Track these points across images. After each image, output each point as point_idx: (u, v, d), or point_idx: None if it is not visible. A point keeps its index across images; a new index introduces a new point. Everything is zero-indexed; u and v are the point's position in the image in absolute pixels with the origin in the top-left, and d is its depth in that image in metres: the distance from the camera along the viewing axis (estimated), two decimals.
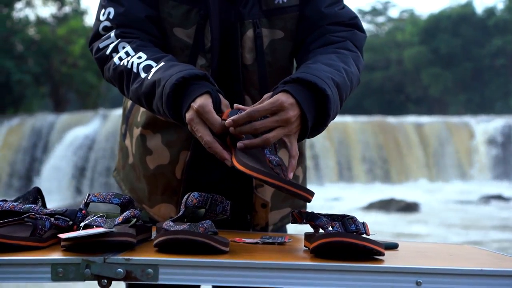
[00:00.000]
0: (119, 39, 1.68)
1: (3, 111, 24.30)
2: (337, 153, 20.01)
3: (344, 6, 1.81)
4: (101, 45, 1.70)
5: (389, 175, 20.15)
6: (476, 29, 39.12)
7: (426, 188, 18.93)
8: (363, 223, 1.41)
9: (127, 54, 1.65)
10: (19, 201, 1.54)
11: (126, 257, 1.18)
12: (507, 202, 16.56)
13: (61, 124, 18.48)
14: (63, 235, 1.23)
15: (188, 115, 1.49)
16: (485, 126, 20.83)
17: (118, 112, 18.09)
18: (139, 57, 1.63)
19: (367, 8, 49.49)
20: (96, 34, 1.73)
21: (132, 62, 1.62)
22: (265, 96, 1.53)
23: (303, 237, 1.49)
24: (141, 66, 1.61)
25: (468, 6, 40.40)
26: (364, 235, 1.40)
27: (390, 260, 1.28)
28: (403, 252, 1.47)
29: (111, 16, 1.71)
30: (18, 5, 29.00)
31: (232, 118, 1.43)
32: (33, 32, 28.26)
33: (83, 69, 26.82)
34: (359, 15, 1.82)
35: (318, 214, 1.41)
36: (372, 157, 20.28)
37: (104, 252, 1.22)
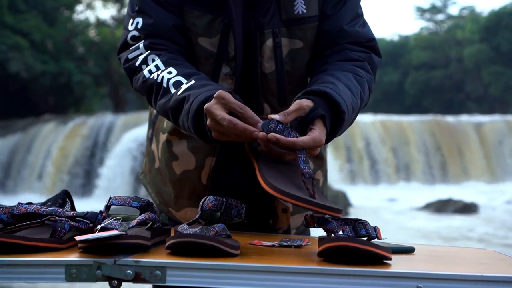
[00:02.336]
0: (149, 51, 1.72)
1: (65, 111, 24.87)
2: (394, 153, 19.83)
3: (365, 24, 1.84)
4: (130, 56, 1.75)
5: (447, 175, 19.87)
6: None
7: (485, 189, 18.60)
8: (375, 228, 1.42)
9: (157, 67, 1.69)
10: (49, 203, 1.61)
11: (135, 259, 1.22)
12: None
13: (120, 124, 18.80)
14: (78, 237, 1.29)
15: (207, 105, 1.51)
16: None
17: None
18: (170, 72, 1.66)
19: (426, 5, 48.82)
20: (125, 44, 1.78)
21: (162, 77, 1.66)
22: (302, 104, 1.55)
23: None
24: (171, 81, 1.65)
25: None
26: (375, 240, 1.42)
27: (395, 264, 1.29)
28: (417, 256, 1.48)
29: (139, 26, 1.75)
30: (79, 8, 29.63)
31: (277, 136, 1.45)
32: (93, 34, 28.81)
33: None
34: (417, 13, 1.84)
35: (330, 218, 1.43)
36: (430, 157, 20.03)
37: (117, 254, 1.27)
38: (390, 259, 1.30)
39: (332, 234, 1.42)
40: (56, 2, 26.74)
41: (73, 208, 1.65)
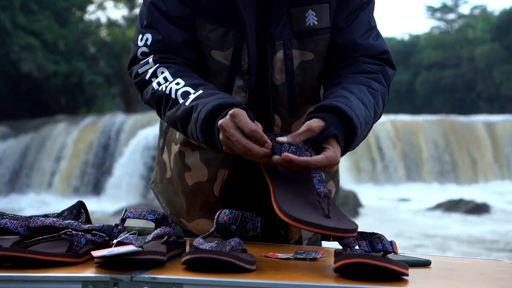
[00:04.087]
0: (158, 64, 1.73)
1: (76, 111, 24.97)
2: (405, 153, 19.78)
3: (378, 36, 1.82)
4: (140, 71, 1.76)
5: (458, 175, 19.80)
6: None
7: (496, 189, 18.52)
8: (391, 242, 1.42)
9: (166, 79, 1.69)
10: (64, 214, 1.61)
11: (152, 276, 1.22)
12: None
13: (131, 124, 18.85)
14: (95, 253, 1.29)
15: (221, 121, 1.51)
16: None
17: None
18: (177, 83, 1.67)
19: (437, 4, 48.68)
20: (135, 59, 1.78)
21: (171, 88, 1.67)
22: (311, 125, 1.54)
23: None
24: (179, 92, 1.65)
25: None
26: (392, 254, 1.42)
27: (414, 281, 1.29)
28: (434, 271, 1.48)
29: (149, 42, 1.76)
30: (91, 8, 29.74)
31: (290, 157, 1.45)
32: (104, 34, 28.90)
33: None
34: (428, 12, 1.84)
35: None
36: (441, 157, 19.97)
37: (133, 269, 1.27)
38: (407, 275, 1.29)
39: (348, 249, 1.42)
40: (68, 2, 26.85)
41: (88, 219, 1.66)
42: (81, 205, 1.67)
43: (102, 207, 14.85)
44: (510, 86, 37.99)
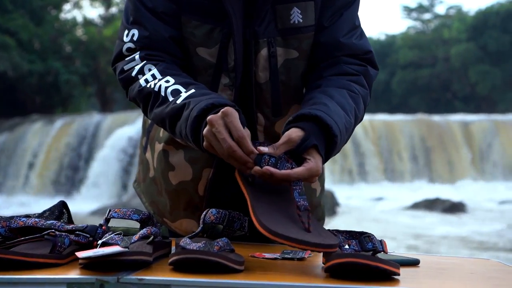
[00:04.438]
0: (145, 61, 1.69)
1: (52, 110, 24.75)
2: (382, 152, 19.87)
3: (362, 36, 1.80)
4: (126, 67, 1.71)
5: (434, 174, 19.94)
6: None
7: (472, 188, 18.68)
8: (381, 241, 1.40)
9: (154, 77, 1.66)
10: (46, 214, 1.57)
11: (139, 277, 1.19)
12: None
13: (107, 124, 18.75)
14: (80, 254, 1.25)
15: (212, 116, 1.47)
16: None
17: None
18: (167, 81, 1.63)
19: (413, 4, 48.97)
20: (120, 55, 1.74)
21: (160, 86, 1.63)
22: (291, 136, 1.50)
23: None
24: (169, 90, 1.61)
25: None
26: (381, 253, 1.40)
27: (406, 280, 1.27)
28: (423, 270, 1.46)
29: (135, 38, 1.72)
30: (66, 7, 29.49)
31: (271, 170, 1.41)
32: (80, 33, 28.70)
33: None
34: (404, 12, 1.81)
35: (337, 231, 1.41)
36: (418, 156, 20.09)
37: (119, 270, 1.23)
38: (398, 274, 1.27)
39: (338, 248, 1.40)
40: (43, 1, 26.63)
41: (69, 219, 1.62)
42: (63, 205, 1.63)
43: (78, 208, 14.72)
44: (485, 86, 38.35)
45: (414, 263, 1.52)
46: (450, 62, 39.78)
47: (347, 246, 1.37)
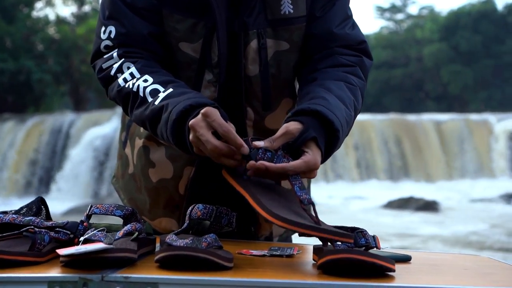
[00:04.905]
0: (123, 59, 1.63)
1: (24, 110, 24.44)
2: (356, 151, 19.91)
3: (354, 26, 1.75)
4: (104, 66, 1.65)
5: (408, 173, 20.02)
6: (496, 26, 38.77)
7: (445, 186, 18.79)
8: (374, 237, 1.36)
9: (132, 76, 1.60)
10: (22, 211, 1.51)
11: (124, 275, 1.13)
12: None
13: (81, 123, 18.56)
14: (61, 251, 1.19)
15: (193, 121, 1.42)
16: (506, 124, 20.62)
17: None
18: (145, 80, 1.57)
19: (386, 5, 49.13)
20: (98, 52, 1.68)
21: (138, 85, 1.57)
22: (289, 129, 1.44)
23: (311, 248, 1.44)
24: (147, 90, 1.55)
25: (489, 3, 40.03)
26: (374, 249, 1.36)
27: (401, 276, 1.23)
28: (415, 266, 1.42)
29: (112, 35, 1.65)
30: (38, 5, 29.15)
31: (266, 164, 1.35)
32: (53, 32, 28.36)
33: None
34: (378, 12, 1.78)
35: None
36: (391, 155, 20.17)
37: (103, 268, 1.17)
38: (394, 271, 1.23)
39: (329, 244, 1.35)
40: None
41: (48, 216, 1.56)
42: (41, 201, 1.56)
43: (51, 208, 14.48)
44: (457, 85, 38.63)
45: (406, 259, 1.48)
46: (423, 62, 40.01)
47: (339, 242, 1.32)
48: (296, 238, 1.98)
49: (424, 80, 40.42)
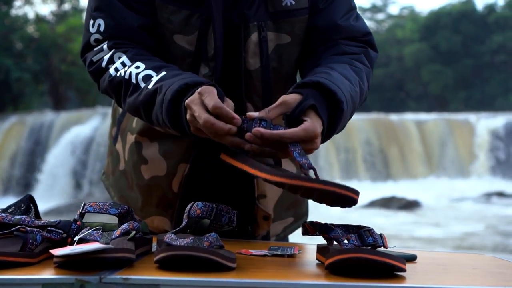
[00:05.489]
0: (113, 50, 1.56)
1: (2, 109, 24.18)
2: (338, 151, 19.90)
3: (358, 18, 1.69)
4: (95, 58, 1.59)
5: (390, 172, 20.04)
6: (476, 26, 39.00)
7: (427, 185, 18.83)
8: (381, 235, 1.30)
9: (123, 64, 1.53)
10: (10, 210, 1.44)
11: (124, 276, 1.07)
12: (509, 199, 16.47)
13: (60, 122, 18.37)
14: (55, 251, 1.13)
15: (189, 99, 1.36)
16: (486, 123, 20.72)
17: None
18: (137, 67, 1.51)
19: (367, 5, 49.35)
20: (88, 45, 1.61)
21: (130, 72, 1.50)
22: (286, 99, 1.38)
23: (313, 248, 1.40)
24: (140, 76, 1.49)
25: (469, 3, 40.27)
26: (381, 248, 1.30)
27: (412, 277, 1.17)
28: (422, 266, 1.37)
29: (101, 29, 1.59)
30: (17, 3, 28.87)
31: (260, 131, 1.29)
32: (32, 30, 28.12)
33: (82, 67, 26.52)
34: (359, 12, 1.72)
35: (332, 225, 1.30)
36: (373, 155, 20.18)
37: (100, 269, 1.11)
38: (405, 270, 1.17)
39: (335, 243, 1.30)
40: None
41: (37, 214, 1.49)
42: (29, 199, 1.49)
43: None
44: (437, 85, 38.80)
45: (411, 258, 1.43)
46: (404, 62, 40.15)
47: (346, 241, 1.27)
48: (293, 238, 1.92)
49: (404, 80, 40.57)
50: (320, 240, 1.36)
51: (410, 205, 15.21)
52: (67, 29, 26.71)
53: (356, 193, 1.22)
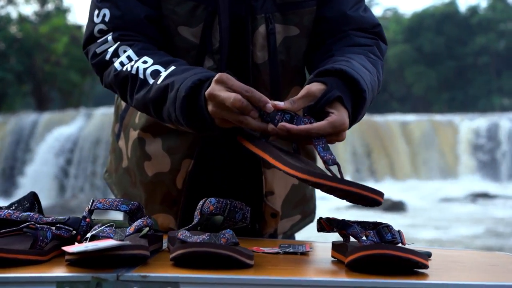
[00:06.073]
0: (118, 42, 1.52)
1: None
2: None
3: (367, 9, 1.66)
4: (98, 50, 1.54)
5: (374, 173, 20.08)
6: (459, 28, 39.22)
7: (411, 186, 18.88)
8: (399, 231, 1.27)
9: (129, 58, 1.49)
10: (13, 207, 1.40)
11: (142, 274, 1.03)
12: (493, 200, 16.55)
13: (44, 123, 18.24)
14: (69, 248, 1.09)
15: (209, 90, 1.31)
16: (470, 124, 20.82)
17: (101, 111, 17.86)
18: (145, 62, 1.46)
19: None
20: (91, 37, 1.57)
21: (137, 67, 1.46)
22: (311, 89, 1.33)
23: (321, 245, 1.38)
24: (148, 71, 1.45)
25: (452, 5, 40.49)
26: (400, 245, 1.27)
27: (435, 273, 1.15)
28: (439, 263, 1.34)
29: (106, 19, 1.55)
30: (0, 3, 28.66)
31: (287, 126, 1.25)
32: (15, 30, 27.92)
33: (66, 67, 26.50)
34: None
35: (349, 221, 1.27)
36: (357, 156, 20.21)
37: (115, 267, 1.07)
38: (428, 267, 1.14)
39: (352, 239, 1.26)
40: None
41: (41, 212, 1.44)
42: (33, 196, 1.45)
43: None
44: (421, 86, 38.97)
45: (427, 255, 1.40)
46: (387, 63, 40.22)
47: (365, 238, 1.23)
48: (300, 236, 1.89)
49: (388, 81, 40.68)
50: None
51: (395, 206, 15.22)
52: (50, 29, 26.54)
53: (381, 195, 1.18)
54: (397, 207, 15.21)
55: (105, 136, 16.13)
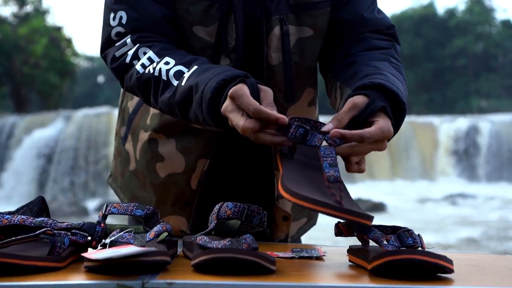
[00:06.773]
0: (138, 44, 1.49)
1: None
2: None
3: (380, 11, 1.65)
4: (118, 54, 1.52)
5: (354, 175, 20.12)
6: (437, 30, 39.51)
7: (390, 187, 18.96)
8: (419, 235, 1.26)
9: (151, 60, 1.46)
10: (20, 212, 1.37)
11: (168, 281, 1.01)
12: (473, 199, 16.67)
13: (22, 126, 18.07)
14: (91, 255, 1.06)
15: (223, 106, 1.29)
16: (449, 126, 20.96)
17: (81, 113, 17.74)
18: (167, 63, 1.43)
19: None
20: (109, 41, 1.54)
21: (160, 69, 1.43)
22: (356, 101, 1.32)
23: (331, 249, 1.37)
24: (171, 72, 1.42)
25: (430, 7, 40.76)
26: (419, 249, 1.26)
27: (459, 278, 1.13)
28: (457, 267, 1.33)
29: (124, 21, 1.52)
30: None
31: (341, 132, 1.24)
32: None
33: (45, 69, 26.30)
34: None
35: (370, 226, 1.26)
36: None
37: (136, 273, 1.05)
38: (453, 271, 1.13)
39: (372, 243, 1.25)
40: None
41: (48, 217, 1.41)
42: (42, 201, 1.42)
43: None
44: None
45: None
46: None
47: (385, 242, 1.22)
48: (306, 240, 1.88)
49: None
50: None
51: (375, 208, 15.27)
52: (29, 31, 26.32)
53: (370, 219, 1.15)
54: (378, 208, 15.27)
55: (84, 138, 16.02)
